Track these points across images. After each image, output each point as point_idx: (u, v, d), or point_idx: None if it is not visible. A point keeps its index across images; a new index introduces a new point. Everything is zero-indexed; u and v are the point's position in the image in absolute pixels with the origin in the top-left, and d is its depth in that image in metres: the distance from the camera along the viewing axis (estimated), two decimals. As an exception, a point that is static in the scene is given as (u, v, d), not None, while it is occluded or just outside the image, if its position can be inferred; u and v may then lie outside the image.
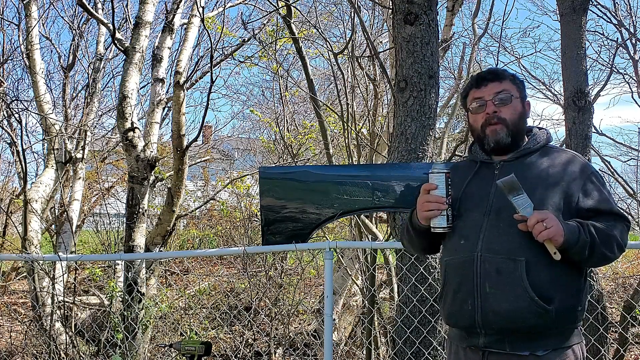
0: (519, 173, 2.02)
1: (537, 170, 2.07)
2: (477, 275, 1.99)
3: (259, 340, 6.03)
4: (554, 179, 2.04)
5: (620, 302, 6.73)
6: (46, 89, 7.64)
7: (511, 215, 1.97)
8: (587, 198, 2.02)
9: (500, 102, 2.11)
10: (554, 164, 2.09)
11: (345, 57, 6.88)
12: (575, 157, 2.15)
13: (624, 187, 7.29)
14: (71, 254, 5.97)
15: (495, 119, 2.10)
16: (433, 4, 3.47)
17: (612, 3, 7.65)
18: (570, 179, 2.04)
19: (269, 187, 3.56)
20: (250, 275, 6.41)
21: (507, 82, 2.15)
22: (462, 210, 2.11)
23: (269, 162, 11.06)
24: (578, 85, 4.25)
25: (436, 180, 2.06)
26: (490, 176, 2.11)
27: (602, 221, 1.99)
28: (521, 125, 2.14)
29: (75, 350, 4.92)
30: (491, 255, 1.98)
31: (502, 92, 2.12)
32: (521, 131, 2.14)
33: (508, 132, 2.10)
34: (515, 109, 2.13)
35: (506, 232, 1.98)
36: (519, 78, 2.21)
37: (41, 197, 6.91)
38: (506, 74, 2.19)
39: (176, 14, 6.18)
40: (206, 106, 5.48)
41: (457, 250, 2.08)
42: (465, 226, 2.08)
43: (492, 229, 2.02)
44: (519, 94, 2.16)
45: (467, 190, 2.14)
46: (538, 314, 1.92)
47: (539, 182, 2.04)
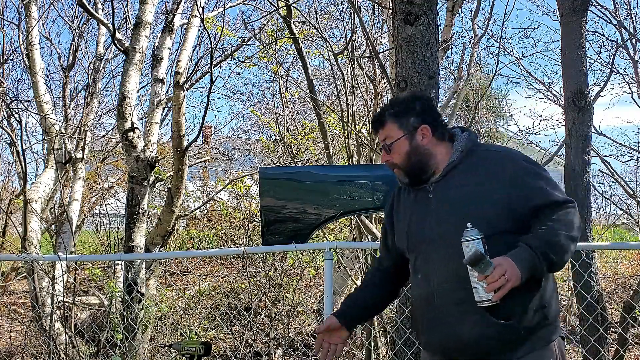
0: (450, 191, 2.07)
1: (467, 182, 2.06)
2: (439, 308, 2.04)
3: (259, 341, 6.02)
4: (486, 185, 2.03)
5: (620, 302, 6.73)
6: (46, 89, 7.64)
7: (455, 242, 1.96)
8: (524, 196, 2.00)
9: (388, 150, 2.16)
10: (484, 168, 2.07)
11: (345, 57, 6.88)
12: (501, 154, 2.13)
13: (623, 187, 7.28)
14: (71, 254, 5.97)
15: (391, 165, 2.19)
16: (433, 4, 3.47)
17: (612, 3, 7.66)
18: (500, 180, 2.03)
19: (269, 187, 3.56)
20: (250, 276, 6.41)
21: (388, 126, 2.15)
22: (413, 243, 2.16)
23: (269, 162, 11.06)
24: (578, 86, 4.25)
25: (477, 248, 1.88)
26: (427, 202, 2.13)
27: (546, 217, 1.96)
28: (415, 159, 2.12)
29: (75, 351, 4.92)
30: (446, 287, 2.02)
31: (385, 141, 2.16)
32: (419, 163, 2.12)
33: (404, 174, 2.16)
34: (400, 151, 2.13)
35: (454, 261, 1.98)
36: (401, 110, 2.15)
37: (41, 197, 6.90)
38: (385, 117, 2.16)
39: (176, 14, 6.18)
40: (206, 106, 5.49)
41: (418, 286, 2.15)
42: (418, 260, 2.13)
43: (441, 260, 2.04)
44: (402, 131, 2.13)
45: (412, 221, 2.17)
46: (504, 332, 1.95)
47: (470, 193, 2.04)
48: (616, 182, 7.61)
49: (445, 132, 2.17)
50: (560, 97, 7.92)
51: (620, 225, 11.09)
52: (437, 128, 2.15)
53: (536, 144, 13.36)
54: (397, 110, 2.16)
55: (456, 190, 2.06)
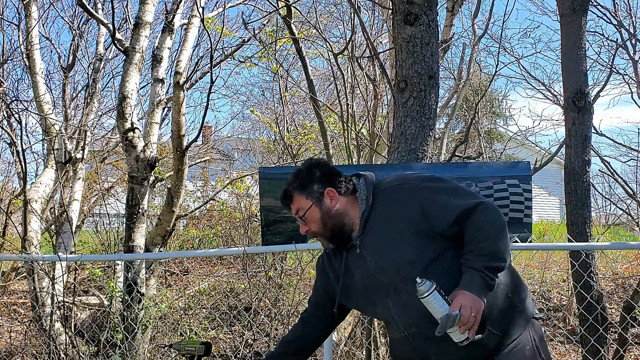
0: (376, 240, 2.10)
1: (387, 225, 2.10)
2: (417, 348, 2.07)
3: (259, 341, 6.03)
4: (404, 220, 2.07)
5: (620, 302, 6.74)
6: (46, 89, 7.63)
7: (403, 287, 2.02)
8: (438, 217, 2.04)
9: (303, 221, 2.20)
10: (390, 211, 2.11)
11: (345, 57, 6.88)
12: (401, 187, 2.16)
13: (623, 187, 7.28)
14: (71, 254, 5.97)
15: (311, 235, 2.24)
16: (433, 4, 3.47)
17: (612, 3, 7.67)
18: (414, 208, 2.06)
19: (269, 187, 3.56)
20: (250, 276, 6.41)
21: (297, 198, 2.20)
22: (363, 300, 2.19)
23: (269, 162, 11.06)
24: (578, 86, 4.25)
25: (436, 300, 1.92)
26: (359, 257, 2.15)
27: (467, 226, 2.00)
28: (331, 222, 2.16)
29: (75, 351, 4.92)
30: (414, 330, 2.05)
31: (298, 213, 2.21)
32: (335, 225, 2.16)
33: (326, 237, 2.19)
34: (313, 218, 2.17)
35: (409, 302, 2.02)
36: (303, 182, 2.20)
37: (41, 197, 6.90)
38: (292, 188, 2.21)
39: (176, 14, 6.18)
40: (206, 106, 5.49)
41: (390, 331, 2.21)
42: (378, 312, 2.17)
43: (398, 306, 2.08)
44: (310, 199, 2.17)
45: (351, 280, 2.19)
46: (480, 346, 1.97)
47: (395, 233, 2.08)
48: (616, 182, 7.61)
49: (349, 187, 2.21)
50: (560, 97, 7.92)
51: (620, 225, 11.09)
52: (340, 186, 2.20)
53: (536, 144, 13.39)
54: (299, 182, 2.21)
55: (381, 239, 2.10)
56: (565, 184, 4.36)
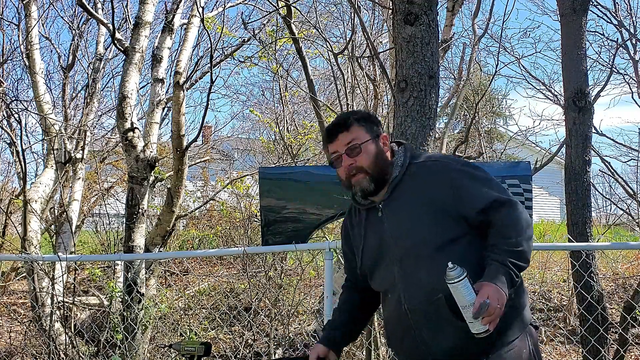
0: (399, 208, 2.10)
1: (414, 196, 2.09)
2: (412, 325, 2.06)
3: (259, 341, 6.02)
4: (431, 196, 2.06)
5: (621, 302, 6.73)
6: (46, 89, 7.64)
7: (416, 260, 2.02)
8: (470, 202, 2.03)
9: (353, 152, 2.13)
10: (426, 181, 2.10)
11: (345, 57, 6.88)
12: (437, 165, 2.15)
13: (624, 187, 7.29)
14: (71, 254, 5.97)
15: (354, 170, 2.13)
16: (433, 4, 3.47)
17: (613, 3, 7.68)
18: (445, 188, 2.06)
19: (269, 187, 3.56)
20: (250, 276, 6.40)
21: (355, 128, 2.15)
22: (373, 265, 2.18)
23: (269, 162, 11.05)
24: (578, 86, 4.25)
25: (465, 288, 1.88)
26: (378, 222, 2.15)
27: (494, 219, 1.99)
28: (382, 164, 2.15)
29: (75, 351, 4.92)
30: (414, 304, 2.04)
31: (352, 143, 2.14)
32: (384, 168, 2.14)
33: (370, 178, 2.13)
34: (368, 154, 2.13)
35: (415, 276, 2.03)
36: (365, 117, 2.21)
37: (41, 198, 6.90)
38: (350, 120, 2.17)
39: (176, 14, 6.18)
40: (206, 106, 5.48)
41: (388, 306, 2.18)
42: (383, 280, 2.16)
43: (404, 277, 2.07)
44: (369, 134, 2.16)
45: (367, 242, 2.19)
46: (479, 340, 1.94)
47: (419, 207, 2.07)
48: (616, 182, 7.61)
49: (391, 147, 2.22)
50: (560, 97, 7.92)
51: (620, 225, 11.09)
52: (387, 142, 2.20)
53: (536, 144, 13.39)
54: (361, 116, 2.21)
55: (404, 208, 2.10)
56: (566, 184, 4.35)
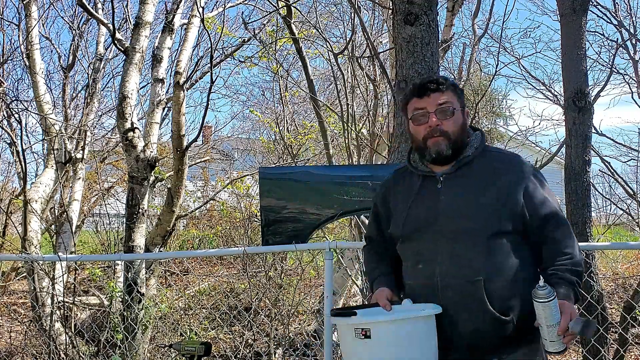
0: (463, 185, 2.07)
1: (480, 179, 2.08)
2: (439, 300, 2.02)
3: (259, 341, 6.02)
4: (498, 185, 2.06)
5: (620, 302, 6.73)
6: (46, 89, 7.63)
7: (464, 238, 2.01)
8: (534, 204, 2.04)
9: (443, 114, 2.09)
10: (496, 168, 2.10)
11: (345, 57, 6.88)
12: (515, 158, 2.16)
13: (624, 187, 7.28)
14: (71, 254, 5.97)
15: (438, 132, 2.09)
16: (433, 4, 3.47)
17: (612, 3, 7.67)
18: (514, 182, 2.06)
19: (269, 187, 3.56)
20: (250, 276, 6.40)
21: (449, 93, 2.12)
22: (412, 232, 2.11)
23: (269, 162, 11.05)
24: (578, 86, 4.25)
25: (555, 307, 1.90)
26: (435, 192, 2.11)
27: (554, 235, 2.03)
28: (463, 136, 2.13)
29: (75, 351, 4.92)
30: (450, 279, 2.00)
31: (445, 104, 2.09)
32: (462, 142, 2.13)
33: (449, 145, 2.09)
34: (457, 121, 2.11)
35: (462, 254, 2.01)
36: (459, 87, 2.20)
37: (41, 197, 6.90)
38: (448, 84, 2.14)
39: (176, 14, 6.18)
40: (206, 106, 5.48)
41: (416, 276, 2.10)
42: (420, 249, 2.09)
43: (447, 252, 2.02)
44: (460, 104, 2.14)
45: (414, 207, 2.13)
46: (500, 327, 1.97)
47: (483, 190, 2.06)
48: (616, 182, 7.60)
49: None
50: (560, 97, 7.92)
51: (620, 225, 11.09)
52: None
53: (536, 144, 13.37)
54: (455, 84, 2.18)
55: (468, 187, 2.07)
56: (566, 184, 4.35)
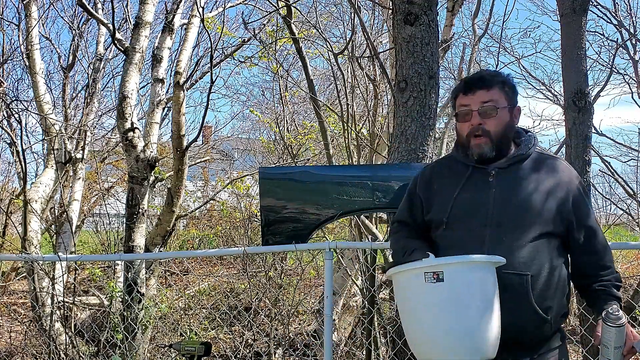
0: (515, 180, 2.05)
1: (533, 178, 2.07)
2: None
3: (259, 341, 6.02)
4: (549, 186, 2.05)
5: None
6: (46, 89, 7.63)
7: (512, 229, 1.99)
8: (581, 213, 2.07)
9: (486, 114, 2.05)
10: (548, 171, 2.09)
11: (345, 57, 6.88)
12: (567, 165, 2.16)
13: (624, 187, 7.28)
14: (71, 254, 5.97)
15: (479, 131, 2.06)
16: (433, 4, 3.47)
17: (612, 3, 7.66)
18: (564, 187, 2.06)
19: (269, 187, 3.56)
20: (250, 276, 6.41)
21: (495, 90, 2.07)
22: (457, 218, 2.07)
23: (269, 162, 11.05)
24: (578, 86, 4.24)
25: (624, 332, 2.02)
26: (485, 183, 2.07)
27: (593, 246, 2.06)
28: (507, 136, 2.09)
29: (75, 351, 4.92)
30: (497, 270, 1.97)
31: (488, 103, 2.05)
32: (507, 141, 2.10)
33: (492, 146, 2.06)
34: (500, 120, 2.06)
35: (510, 246, 1.97)
36: (510, 82, 2.12)
37: (41, 198, 6.90)
38: (495, 80, 2.09)
39: (176, 14, 6.18)
40: (206, 106, 5.48)
41: None
42: (464, 238, 2.03)
43: (495, 242, 1.98)
44: (507, 101, 2.08)
45: (461, 196, 2.08)
46: (539, 325, 1.97)
47: (535, 189, 2.05)
48: (616, 182, 7.60)
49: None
50: (560, 97, 7.92)
51: (620, 225, 11.09)
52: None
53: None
54: (505, 80, 2.11)
55: (521, 184, 2.05)
56: (566, 184, 4.35)
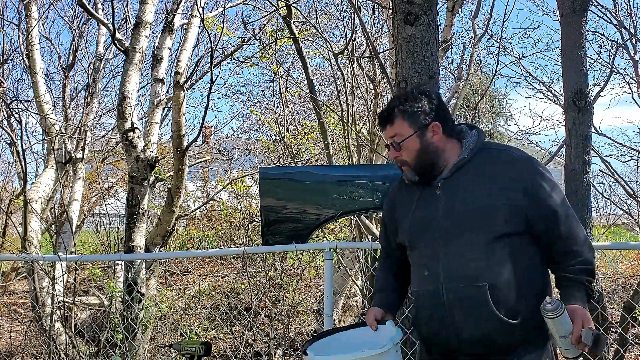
0: (460, 187, 2.06)
1: (478, 180, 2.06)
2: (445, 305, 2.02)
3: (259, 341, 6.02)
4: (496, 185, 2.03)
5: (620, 302, 6.73)
6: (46, 89, 7.64)
7: (466, 241, 2.00)
8: (538, 202, 2.01)
9: (394, 149, 2.13)
10: (494, 168, 2.07)
11: (345, 57, 6.88)
12: (514, 154, 2.12)
13: (624, 187, 7.28)
14: (71, 254, 5.97)
15: (399, 162, 2.15)
16: (433, 4, 3.46)
17: (612, 3, 7.66)
18: (514, 181, 2.02)
19: (269, 187, 3.56)
20: (250, 276, 6.41)
21: (398, 122, 2.10)
22: (416, 237, 2.13)
23: (269, 162, 11.05)
24: (578, 86, 4.25)
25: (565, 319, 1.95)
26: (434, 197, 2.11)
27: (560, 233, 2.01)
28: (426, 157, 2.11)
29: (75, 351, 4.92)
30: (454, 284, 2.00)
31: (395, 137, 2.11)
32: (429, 160, 2.11)
33: (414, 172, 2.13)
34: (410, 149, 2.10)
35: (462, 257, 2.00)
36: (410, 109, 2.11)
37: (41, 197, 6.90)
38: (395, 114, 2.11)
39: (176, 14, 6.18)
40: (206, 106, 5.48)
41: (423, 282, 2.11)
42: (424, 255, 2.10)
43: (449, 255, 2.02)
44: (413, 128, 2.09)
45: (416, 215, 2.14)
46: (507, 331, 1.96)
47: (480, 191, 2.03)
48: (616, 182, 7.60)
49: (453, 129, 2.16)
50: (560, 97, 7.92)
51: (620, 225, 11.09)
52: (446, 125, 2.13)
53: (536, 144, 13.37)
54: (407, 106, 2.12)
55: (467, 189, 2.05)
56: (566, 184, 4.35)
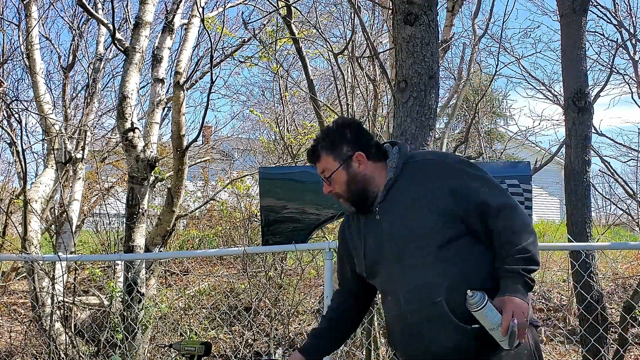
0: (394, 208, 2.08)
1: (408, 196, 2.08)
2: (413, 326, 2.05)
3: (259, 341, 6.02)
4: (425, 197, 2.05)
5: (620, 302, 6.73)
6: (46, 89, 7.63)
7: (411, 258, 2.03)
8: (467, 201, 2.01)
9: (326, 183, 2.19)
10: (420, 179, 2.09)
11: (345, 57, 6.89)
12: (434, 162, 2.14)
13: (623, 187, 7.29)
14: (71, 254, 5.97)
15: (335, 195, 2.20)
16: (433, 4, 3.47)
17: (612, 3, 7.68)
18: (439, 187, 2.04)
19: (269, 187, 3.57)
20: (250, 276, 6.41)
21: (324, 158, 2.17)
22: (372, 267, 2.17)
23: (269, 162, 11.05)
24: (578, 86, 4.25)
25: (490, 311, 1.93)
26: (376, 224, 2.14)
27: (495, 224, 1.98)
28: (355, 186, 2.15)
29: (75, 351, 4.92)
30: (415, 306, 2.03)
31: (325, 172, 2.18)
32: (360, 189, 2.14)
33: (349, 202, 2.19)
34: (339, 182, 2.15)
35: (414, 278, 2.03)
36: (333, 142, 2.16)
37: (41, 197, 6.90)
38: (320, 149, 2.17)
39: (176, 14, 6.18)
40: (206, 106, 5.48)
41: (388, 308, 2.17)
42: (383, 283, 2.16)
43: (403, 279, 2.06)
44: (337, 161, 2.14)
45: (367, 245, 2.18)
46: (475, 336, 1.96)
47: (412, 207, 2.06)
48: (616, 182, 7.61)
49: (379, 152, 2.19)
50: (560, 97, 7.93)
51: (620, 225, 11.10)
52: (370, 151, 2.16)
53: (536, 144, 13.39)
54: (329, 141, 2.18)
55: (402, 208, 2.08)
56: (565, 184, 4.36)
